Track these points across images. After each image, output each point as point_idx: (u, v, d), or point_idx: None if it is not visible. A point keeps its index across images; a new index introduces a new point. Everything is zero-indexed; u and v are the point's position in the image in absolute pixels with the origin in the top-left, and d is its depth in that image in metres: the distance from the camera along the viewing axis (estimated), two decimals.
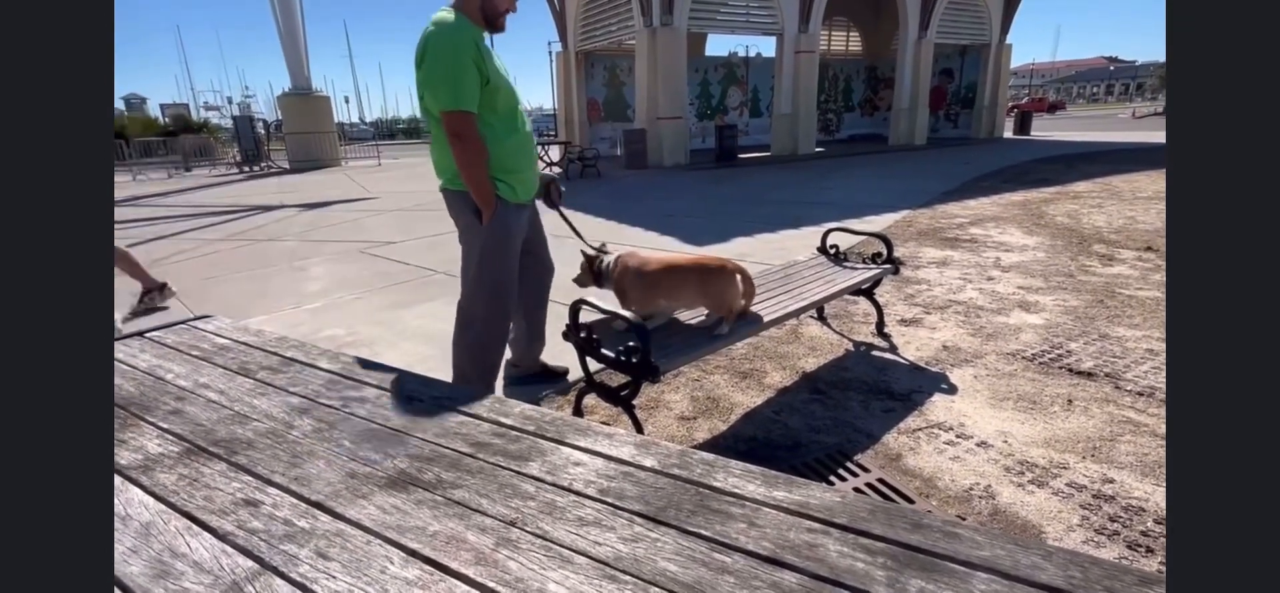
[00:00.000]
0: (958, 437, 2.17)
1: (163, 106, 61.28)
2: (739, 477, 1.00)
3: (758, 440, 2.22)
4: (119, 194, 12.03)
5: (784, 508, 0.91)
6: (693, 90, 18.35)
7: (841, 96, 21.85)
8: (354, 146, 24.82)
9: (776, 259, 4.26)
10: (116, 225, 7.71)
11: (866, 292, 3.17)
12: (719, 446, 2.19)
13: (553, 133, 18.26)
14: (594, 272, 2.36)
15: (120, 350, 1.77)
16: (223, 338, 1.86)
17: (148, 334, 1.92)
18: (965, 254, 4.78)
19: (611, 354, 2.03)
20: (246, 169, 17.89)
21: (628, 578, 0.79)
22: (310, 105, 18.80)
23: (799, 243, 5.29)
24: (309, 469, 1.08)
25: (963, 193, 8.02)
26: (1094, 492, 1.82)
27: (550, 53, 18.01)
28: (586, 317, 2.10)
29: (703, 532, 0.87)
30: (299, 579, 0.81)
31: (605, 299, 2.13)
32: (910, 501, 1.84)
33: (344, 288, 4.39)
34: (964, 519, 1.74)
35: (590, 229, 6.26)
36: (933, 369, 2.73)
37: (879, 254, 3.11)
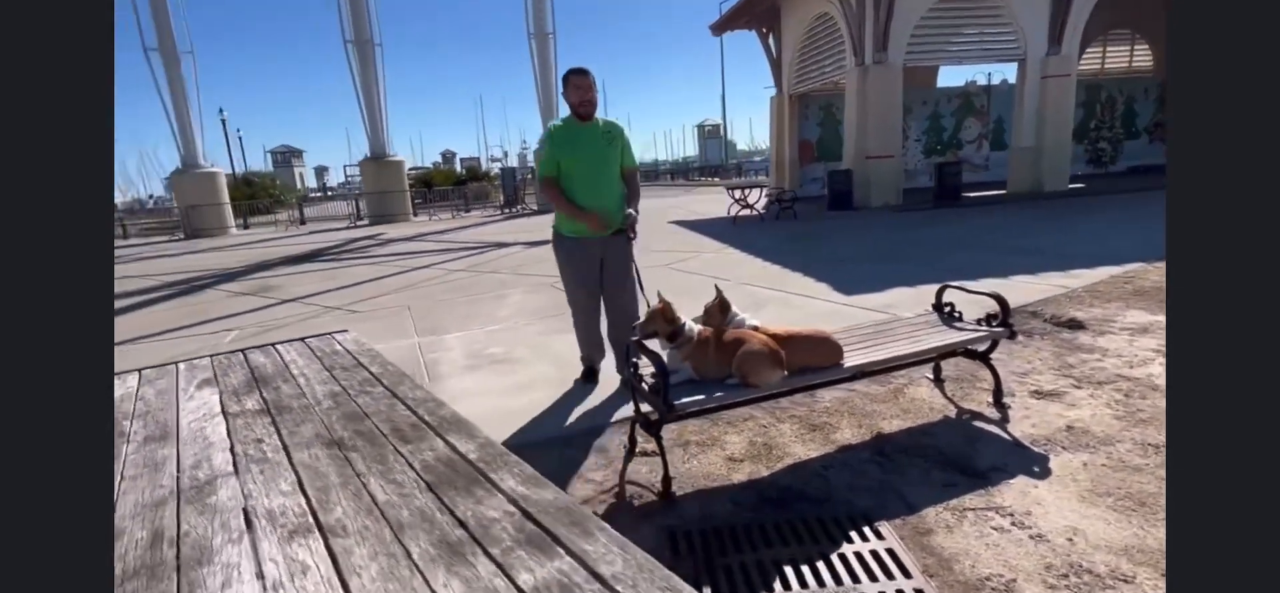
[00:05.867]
0: (1013, 524, 1.95)
1: (462, 160, 76.74)
2: None
3: (790, 490, 2.26)
4: (412, 230, 15.44)
5: None
6: (922, 124, 17.07)
7: (1120, 121, 18.24)
8: None
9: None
10: (406, 259, 10.00)
11: (982, 356, 2.89)
12: (751, 490, 2.28)
13: (765, 174, 18.44)
14: (669, 320, 2.39)
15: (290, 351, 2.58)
16: (344, 351, 2.58)
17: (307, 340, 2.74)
18: None
19: (646, 389, 2.30)
20: (506, 210, 21.52)
21: None
22: None
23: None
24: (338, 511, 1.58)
25: None
26: None
27: (770, 99, 18.18)
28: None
29: None
30: None
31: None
32: (908, 575, 1.76)
33: (523, 315, 5.26)
34: None
35: (740, 270, 6.38)
36: (1036, 449, 2.41)
37: (994, 315, 2.82)
